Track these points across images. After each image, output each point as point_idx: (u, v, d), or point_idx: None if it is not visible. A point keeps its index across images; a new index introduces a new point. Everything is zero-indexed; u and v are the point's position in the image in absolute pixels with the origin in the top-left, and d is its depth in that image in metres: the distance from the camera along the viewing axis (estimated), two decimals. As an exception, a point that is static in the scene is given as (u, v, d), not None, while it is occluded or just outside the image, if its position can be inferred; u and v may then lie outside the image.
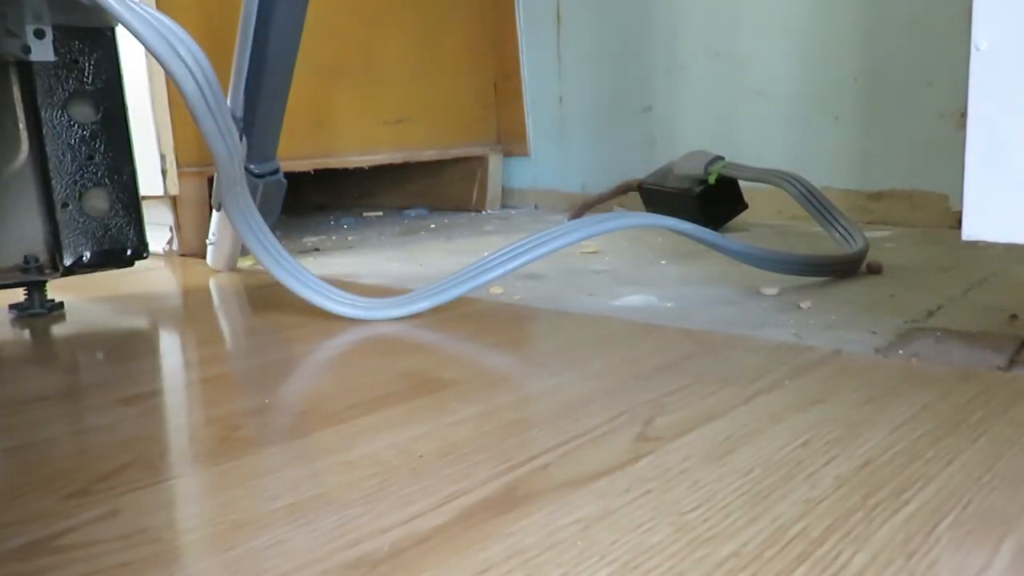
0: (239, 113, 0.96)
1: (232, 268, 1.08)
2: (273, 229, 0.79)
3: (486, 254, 0.78)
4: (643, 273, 0.96)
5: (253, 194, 0.97)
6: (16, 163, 0.80)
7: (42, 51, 0.78)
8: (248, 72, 0.95)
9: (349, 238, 1.39)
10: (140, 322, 0.84)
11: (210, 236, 1.07)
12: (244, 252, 1.11)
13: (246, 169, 0.99)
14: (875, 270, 0.90)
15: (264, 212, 0.98)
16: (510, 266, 0.76)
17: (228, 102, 0.95)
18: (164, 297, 0.97)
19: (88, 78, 0.81)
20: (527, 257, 0.76)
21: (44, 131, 0.79)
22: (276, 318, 0.79)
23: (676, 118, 1.50)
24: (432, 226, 1.51)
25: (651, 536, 0.34)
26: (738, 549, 0.33)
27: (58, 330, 0.80)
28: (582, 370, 0.58)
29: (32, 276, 0.82)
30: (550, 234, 0.77)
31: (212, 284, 1.03)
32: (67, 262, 0.81)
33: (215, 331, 0.80)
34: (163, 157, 1.17)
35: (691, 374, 0.56)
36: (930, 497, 0.37)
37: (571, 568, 0.32)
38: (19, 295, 0.86)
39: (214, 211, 1.05)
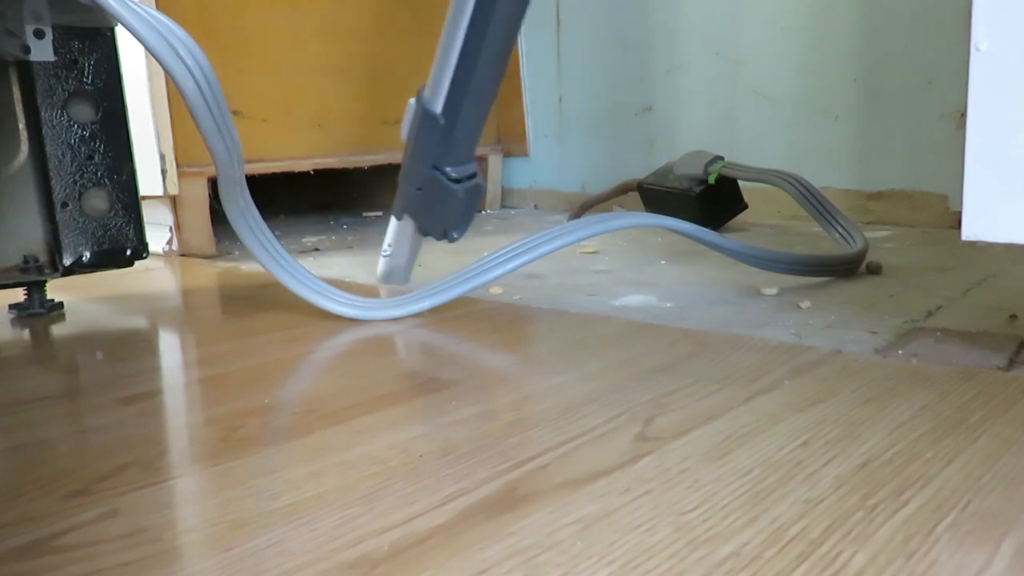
0: (438, 110, 0.85)
1: (406, 282, 0.95)
2: (273, 230, 0.79)
3: (486, 254, 0.78)
4: (643, 273, 0.96)
5: (450, 202, 0.87)
6: (16, 163, 0.80)
7: (42, 51, 0.78)
8: (455, 70, 0.84)
9: (349, 238, 1.39)
10: (140, 322, 0.84)
11: (384, 247, 0.94)
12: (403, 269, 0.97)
13: (443, 174, 0.87)
14: (875, 270, 0.90)
15: (457, 222, 0.89)
16: (510, 266, 0.76)
17: (427, 93, 0.87)
18: (164, 297, 0.97)
19: (88, 78, 0.81)
20: (527, 257, 0.76)
21: (44, 131, 0.79)
22: (276, 318, 0.79)
23: (676, 118, 1.50)
24: (432, 226, 1.51)
25: (650, 536, 0.34)
26: (738, 549, 0.33)
27: (58, 330, 0.80)
28: (582, 370, 0.58)
29: (32, 276, 0.82)
30: (550, 234, 0.77)
31: (212, 284, 1.03)
32: (67, 262, 0.81)
33: (215, 331, 0.80)
34: (163, 157, 1.17)
35: (691, 374, 0.56)
36: (930, 497, 0.37)
37: (571, 568, 0.32)
38: (19, 295, 0.86)
39: (393, 219, 0.92)
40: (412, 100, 0.89)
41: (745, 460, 0.41)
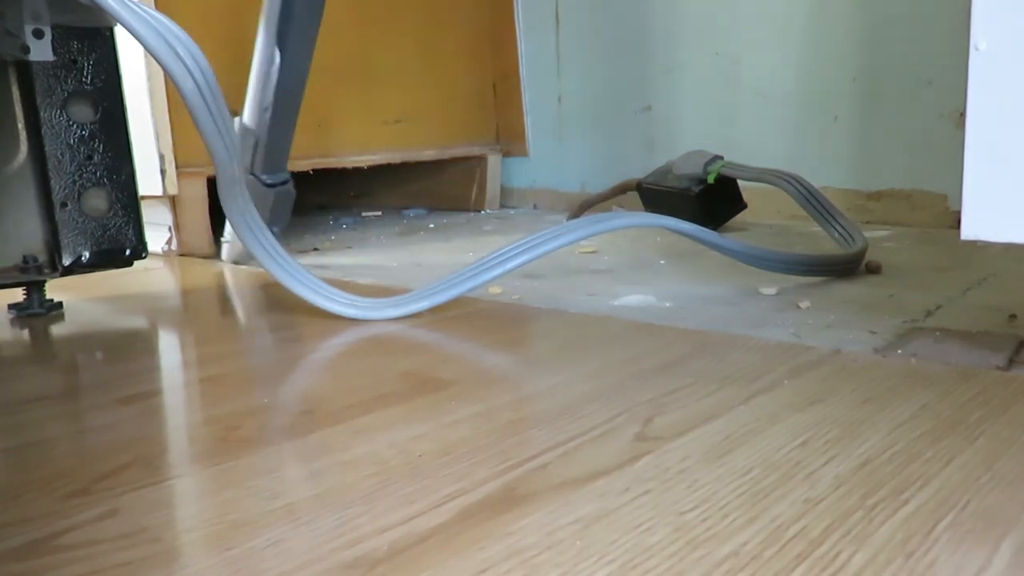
0: (253, 126, 1.04)
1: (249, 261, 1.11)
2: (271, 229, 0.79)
3: (485, 254, 0.78)
4: (642, 273, 0.96)
5: (265, 203, 1.06)
6: (15, 163, 0.80)
7: (41, 51, 0.78)
8: (258, 94, 1.03)
9: (348, 238, 1.39)
10: (139, 322, 0.84)
11: (225, 235, 1.14)
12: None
13: (258, 179, 1.07)
14: (874, 270, 0.90)
15: (274, 220, 1.08)
16: (509, 266, 0.76)
17: (245, 116, 1.05)
18: (163, 297, 0.97)
19: (87, 78, 0.81)
20: (526, 257, 0.76)
21: (43, 131, 0.79)
22: (275, 318, 0.79)
23: (675, 118, 1.50)
24: (431, 226, 1.51)
25: (650, 536, 0.34)
26: (737, 549, 0.33)
27: (57, 330, 0.80)
28: (581, 370, 0.58)
29: (31, 276, 0.82)
30: (549, 234, 0.77)
31: (211, 284, 1.03)
32: (66, 262, 0.81)
33: (214, 331, 0.80)
34: (162, 157, 1.17)
35: (690, 374, 0.56)
36: (929, 497, 0.37)
37: (570, 568, 0.32)
38: (18, 295, 0.86)
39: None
40: (237, 118, 1.06)
41: (744, 460, 0.41)
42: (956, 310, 0.73)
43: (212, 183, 1.21)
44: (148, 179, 1.15)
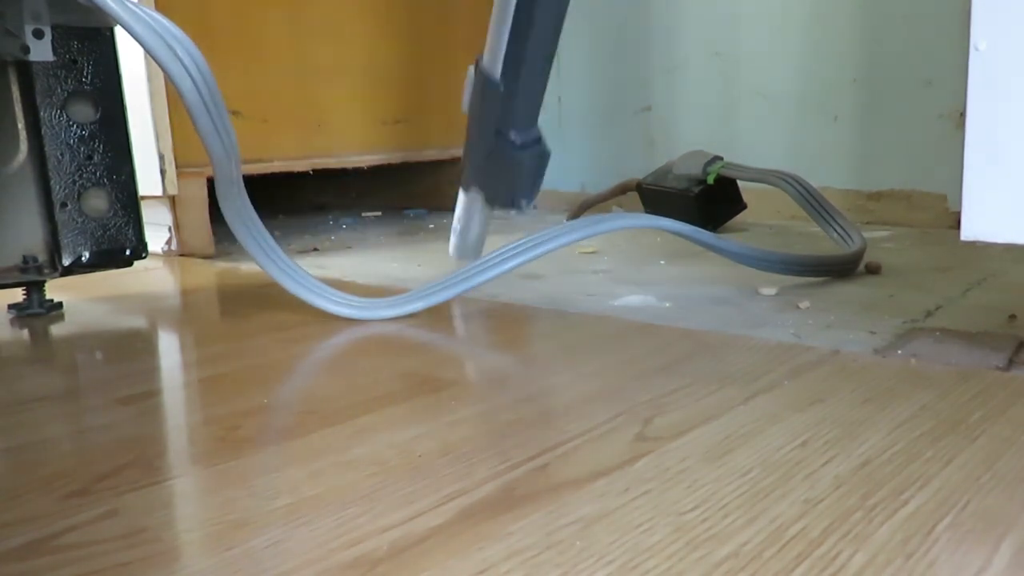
0: (497, 75, 0.85)
1: (478, 256, 0.92)
2: (272, 230, 0.79)
3: (484, 254, 0.78)
4: (642, 273, 0.96)
5: (512, 171, 0.86)
6: (15, 163, 0.80)
7: (41, 51, 0.78)
8: (511, 33, 0.84)
9: (348, 238, 1.39)
10: (139, 322, 0.84)
11: (454, 222, 0.94)
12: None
13: (506, 140, 0.86)
14: (874, 270, 0.90)
15: (521, 189, 0.87)
16: (508, 266, 0.76)
17: (485, 61, 0.88)
18: (163, 297, 0.97)
19: (87, 78, 0.81)
20: (525, 257, 0.76)
21: (43, 131, 0.79)
22: (274, 318, 0.79)
23: (675, 118, 1.50)
24: (431, 226, 1.51)
25: (650, 536, 0.34)
26: (737, 549, 0.33)
27: (57, 330, 0.80)
28: (581, 370, 0.58)
29: (31, 276, 0.82)
30: (548, 234, 0.77)
31: (211, 284, 1.03)
32: (66, 262, 0.81)
33: (213, 331, 0.80)
34: (162, 157, 1.17)
35: (690, 374, 0.56)
36: (929, 497, 0.37)
37: (570, 568, 0.32)
38: (18, 295, 0.86)
39: (461, 193, 0.92)
40: (471, 68, 0.90)
41: (744, 460, 0.41)
42: (956, 310, 0.73)
43: (212, 183, 1.21)
44: (148, 179, 1.15)
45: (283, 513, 0.38)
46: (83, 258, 0.82)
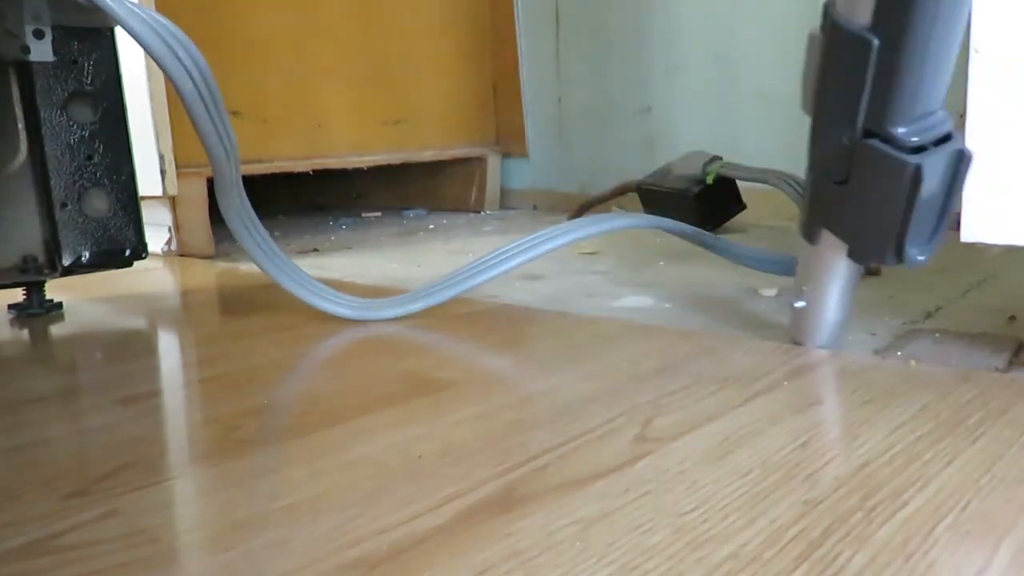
0: (866, 23, 0.50)
1: (840, 343, 0.61)
2: (272, 230, 0.79)
3: (484, 254, 0.78)
4: (642, 274, 0.96)
5: (901, 190, 0.51)
6: (15, 163, 0.80)
7: (41, 51, 0.78)
8: None
9: (348, 239, 1.39)
10: (139, 322, 0.84)
11: (799, 294, 0.62)
12: None
13: (885, 139, 0.51)
14: (873, 271, 0.90)
15: (922, 226, 0.53)
16: (507, 266, 0.76)
17: (842, 6, 0.53)
18: (163, 297, 0.97)
19: (87, 78, 0.81)
20: (525, 257, 0.76)
21: (43, 131, 0.79)
22: (274, 319, 0.79)
23: (674, 119, 1.50)
24: (431, 227, 1.51)
25: (650, 537, 0.34)
26: (737, 550, 0.33)
27: (57, 330, 0.80)
28: (581, 371, 0.58)
29: (31, 276, 0.82)
30: (548, 234, 0.77)
31: (210, 285, 1.03)
32: (66, 262, 0.81)
33: (213, 331, 0.80)
34: (162, 157, 1.17)
35: (690, 375, 0.56)
36: (929, 498, 0.37)
37: (570, 569, 0.32)
38: (18, 295, 0.86)
39: (805, 245, 0.61)
40: (814, 29, 0.57)
41: (744, 461, 0.41)
42: (956, 311, 0.73)
43: (212, 183, 1.21)
44: (148, 179, 1.15)
45: (283, 514, 0.38)
46: (83, 258, 0.82)
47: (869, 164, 0.52)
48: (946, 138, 0.52)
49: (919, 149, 0.51)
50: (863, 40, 0.50)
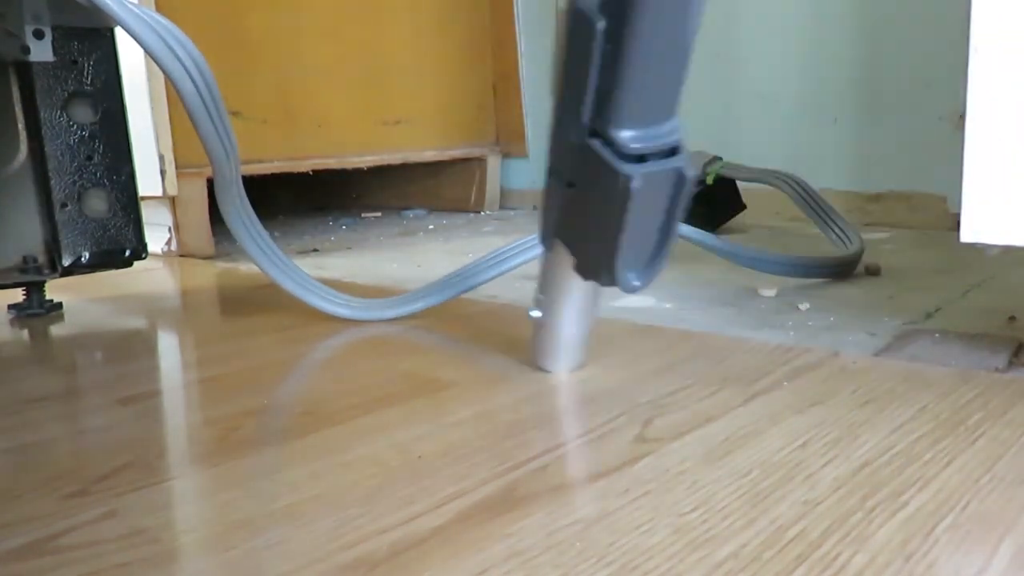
0: (594, 5, 0.44)
1: (577, 360, 0.58)
2: (271, 230, 0.79)
3: (483, 254, 0.78)
4: (642, 274, 0.96)
5: (614, 199, 0.45)
6: (15, 163, 0.80)
7: (41, 51, 0.78)
8: None
9: (348, 239, 1.39)
10: (139, 322, 0.84)
11: (533, 301, 0.56)
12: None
13: (606, 141, 0.44)
14: (873, 272, 0.90)
15: (635, 244, 0.47)
16: (507, 266, 0.76)
17: None
18: (162, 298, 0.97)
19: (87, 79, 0.81)
20: (525, 257, 0.76)
21: (43, 131, 0.79)
22: (274, 319, 0.79)
23: (675, 119, 1.50)
24: (431, 227, 1.51)
25: (650, 537, 0.34)
26: (737, 550, 0.33)
27: (57, 330, 0.80)
28: (581, 371, 0.58)
29: (31, 276, 0.82)
30: (549, 235, 0.76)
31: (210, 285, 1.03)
32: (66, 262, 0.81)
33: (213, 332, 0.80)
34: (162, 158, 1.17)
35: (690, 375, 0.56)
36: (929, 498, 0.37)
37: (570, 569, 0.32)
38: (18, 295, 0.86)
39: (542, 252, 0.54)
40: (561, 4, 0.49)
41: (744, 461, 0.41)
42: (955, 312, 0.73)
43: (212, 183, 1.21)
44: (148, 179, 1.15)
45: (283, 514, 0.38)
46: (83, 259, 0.82)
47: (588, 167, 0.45)
48: (673, 151, 0.46)
49: (641, 158, 0.44)
50: (588, 20, 0.43)
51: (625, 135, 0.44)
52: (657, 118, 0.45)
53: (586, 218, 0.48)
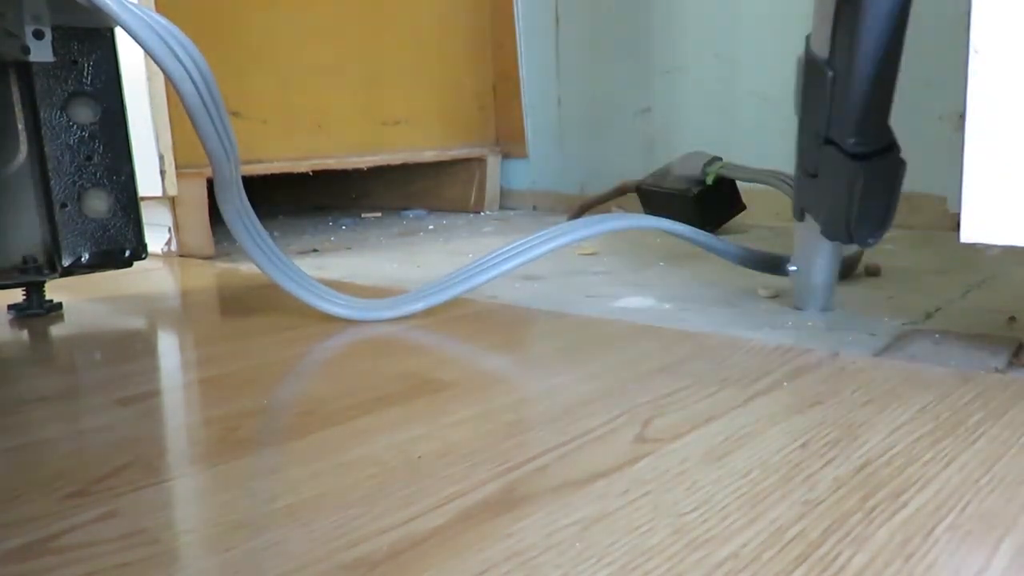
0: (825, 56, 0.66)
1: (828, 305, 0.74)
2: (271, 231, 0.79)
3: (483, 254, 0.78)
4: (641, 275, 0.96)
5: (850, 187, 0.65)
6: (15, 164, 0.80)
7: (41, 52, 0.78)
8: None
9: (348, 239, 1.39)
10: (138, 323, 0.84)
11: (791, 260, 0.76)
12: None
13: (837, 146, 0.66)
14: (873, 272, 0.90)
15: (866, 215, 0.66)
16: (507, 266, 0.76)
17: (812, 38, 0.72)
18: (162, 298, 0.97)
19: (87, 79, 0.81)
20: (524, 258, 0.76)
21: (43, 132, 0.79)
22: (273, 319, 0.79)
23: (674, 119, 1.50)
24: (431, 227, 1.51)
25: (649, 537, 0.34)
26: (736, 551, 0.33)
27: (56, 330, 0.80)
28: (581, 371, 0.58)
29: (31, 276, 0.82)
30: (547, 235, 0.77)
31: (210, 285, 1.03)
32: (66, 263, 0.81)
33: (213, 332, 0.80)
34: (162, 158, 1.17)
35: (690, 376, 0.56)
36: (928, 499, 0.37)
37: (570, 569, 0.32)
38: (18, 295, 0.86)
39: (795, 223, 0.75)
40: (800, 54, 0.71)
41: (744, 462, 0.41)
42: (955, 312, 0.73)
43: (212, 184, 1.21)
44: (148, 180, 1.15)
45: (282, 514, 0.38)
46: (83, 259, 0.82)
47: (829, 164, 0.67)
48: (889, 148, 0.67)
49: (864, 156, 0.65)
50: (823, 71, 0.66)
51: (851, 141, 0.65)
52: (872, 127, 0.66)
53: (826, 197, 0.68)
